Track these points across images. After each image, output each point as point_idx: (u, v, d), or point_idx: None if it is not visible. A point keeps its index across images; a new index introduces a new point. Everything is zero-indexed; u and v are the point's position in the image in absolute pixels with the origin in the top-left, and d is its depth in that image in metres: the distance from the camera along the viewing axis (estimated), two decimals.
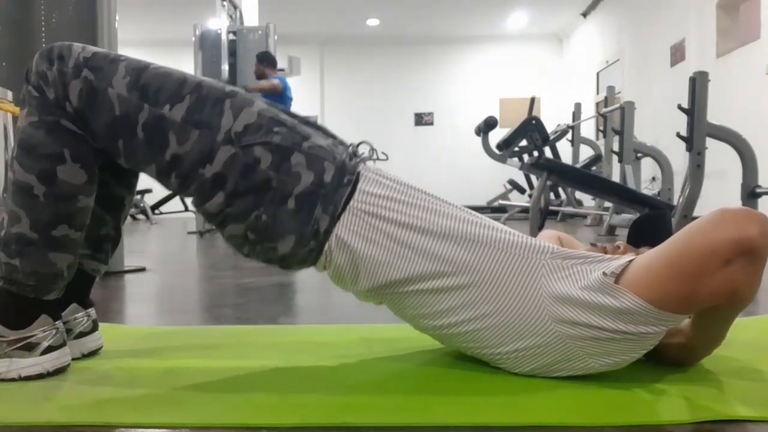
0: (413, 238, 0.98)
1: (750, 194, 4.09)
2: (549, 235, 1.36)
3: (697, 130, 4.04)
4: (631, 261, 0.92)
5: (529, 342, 0.95)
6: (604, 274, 0.90)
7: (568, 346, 0.94)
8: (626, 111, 4.95)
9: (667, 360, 1.06)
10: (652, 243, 1.13)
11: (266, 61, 5.66)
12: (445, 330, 1.00)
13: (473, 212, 1.04)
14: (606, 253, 1.12)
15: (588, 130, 9.73)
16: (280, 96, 5.56)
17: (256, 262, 1.05)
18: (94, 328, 1.21)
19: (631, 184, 5.17)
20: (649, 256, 0.91)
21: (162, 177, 1.03)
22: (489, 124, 6.53)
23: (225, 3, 6.11)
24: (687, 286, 0.85)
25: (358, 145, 1.12)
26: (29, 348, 1.03)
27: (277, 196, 0.97)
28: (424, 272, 0.97)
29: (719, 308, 0.90)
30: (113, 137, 1.02)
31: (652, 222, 1.17)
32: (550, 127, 8.07)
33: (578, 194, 7.31)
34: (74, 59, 1.03)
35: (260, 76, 5.65)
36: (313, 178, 0.98)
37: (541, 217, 5.09)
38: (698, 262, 0.84)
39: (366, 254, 0.98)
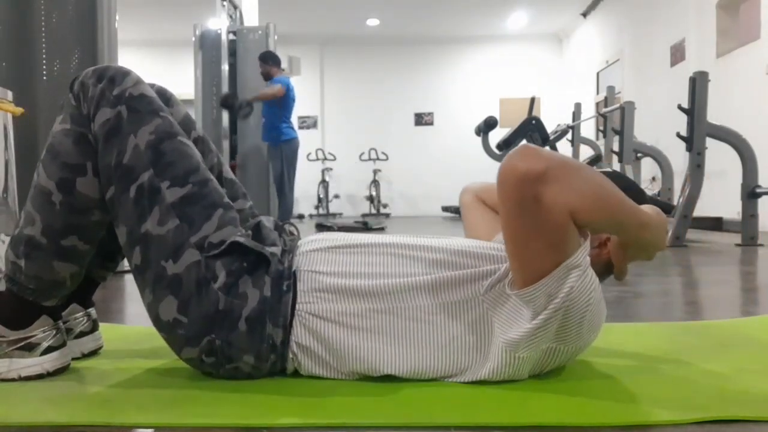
0: (362, 324, 0.97)
1: (750, 194, 4.10)
2: (470, 204, 1.32)
3: (697, 130, 4.04)
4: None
5: (504, 361, 0.96)
6: (509, 289, 0.93)
7: (543, 350, 0.95)
8: (626, 111, 4.95)
9: (638, 259, 1.01)
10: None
11: (271, 60, 5.60)
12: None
13: (419, 246, 1.03)
14: None
15: (588, 130, 9.73)
16: (283, 99, 5.51)
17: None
18: (95, 327, 1.21)
19: None
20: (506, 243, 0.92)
21: (128, 245, 1.01)
22: (489, 124, 6.54)
23: (225, 3, 6.11)
24: (541, 239, 0.86)
25: (282, 225, 1.12)
26: (29, 348, 1.03)
27: (227, 320, 0.96)
28: (388, 361, 0.98)
29: (591, 224, 0.88)
30: (108, 179, 1.02)
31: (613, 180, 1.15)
32: (550, 127, 8.08)
33: None
34: (121, 89, 1.03)
35: (267, 76, 5.60)
36: (259, 296, 0.97)
37: None
38: (522, 219, 0.85)
39: (328, 348, 0.98)
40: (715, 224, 5.83)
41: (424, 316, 0.97)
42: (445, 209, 10.67)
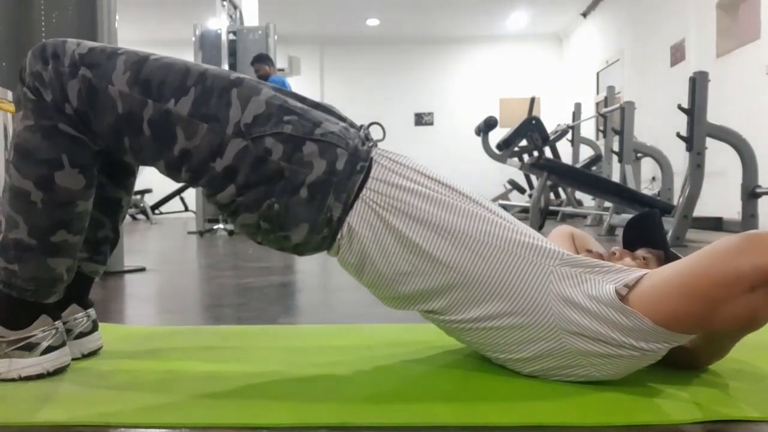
0: (422, 236, 0.96)
1: (750, 194, 4.10)
2: (562, 232, 1.35)
3: (697, 130, 4.04)
4: (643, 275, 0.90)
5: (536, 347, 0.95)
6: (616, 291, 0.88)
7: (573, 356, 0.93)
8: (626, 111, 4.95)
9: (669, 362, 1.04)
10: (647, 243, 1.12)
11: (269, 61, 5.56)
12: (450, 324, 1.00)
13: (486, 203, 1.02)
14: (602, 260, 1.10)
15: (588, 130, 9.72)
16: None
17: (269, 249, 1.05)
18: (94, 328, 1.21)
19: (631, 184, 5.17)
20: (665, 273, 0.88)
21: (172, 172, 1.01)
22: (489, 124, 6.53)
23: (225, 3, 6.11)
24: (703, 310, 0.83)
25: (369, 126, 1.10)
26: (29, 348, 1.03)
27: (289, 185, 0.96)
28: (428, 272, 0.96)
29: (729, 338, 0.92)
30: (118, 136, 0.99)
31: (644, 222, 1.16)
32: (550, 127, 8.08)
33: (578, 194, 7.31)
34: (70, 57, 0.99)
35: (266, 77, 5.54)
36: (326, 167, 0.96)
37: (541, 217, 5.08)
38: (719, 286, 0.82)
39: (372, 250, 0.98)
40: (715, 224, 5.83)
41: (489, 240, 0.95)
42: None
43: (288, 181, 0.96)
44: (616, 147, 5.48)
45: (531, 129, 6.70)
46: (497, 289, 0.94)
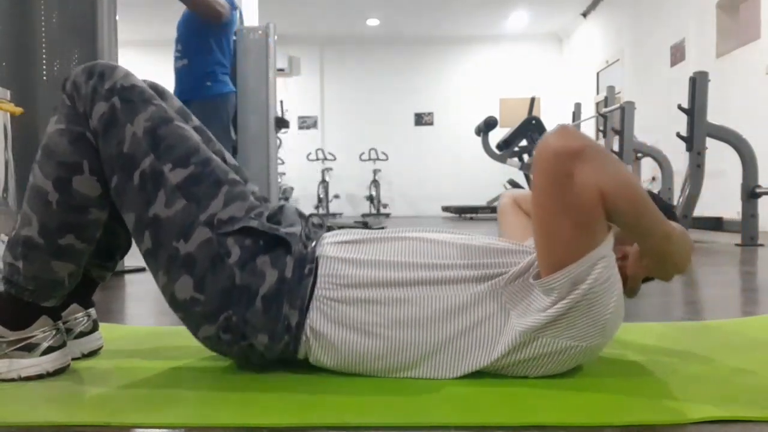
0: (384, 325, 0.97)
1: (750, 194, 4.09)
2: (508, 207, 1.34)
3: (697, 130, 4.04)
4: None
5: (528, 357, 0.96)
6: (532, 279, 0.94)
7: (561, 344, 0.94)
8: (626, 111, 4.95)
9: (655, 276, 1.02)
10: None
11: None
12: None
13: (444, 242, 1.03)
14: None
15: (588, 130, 9.72)
16: (220, 28, 3.84)
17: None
18: (95, 328, 1.21)
19: None
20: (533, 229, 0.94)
21: (138, 231, 1.02)
22: (489, 124, 6.53)
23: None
24: (569, 219, 0.87)
25: (309, 216, 1.13)
26: (29, 349, 1.03)
27: (244, 296, 0.97)
28: (400, 346, 0.98)
29: (618, 212, 0.88)
30: (111, 171, 1.03)
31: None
32: (550, 127, 8.07)
33: None
34: (112, 82, 1.04)
35: None
36: (277, 276, 0.98)
37: None
38: (554, 194, 0.87)
39: (341, 340, 0.98)
40: (715, 224, 5.83)
41: (444, 305, 0.97)
42: (445, 209, 10.65)
43: (241, 290, 0.97)
44: (616, 147, 5.48)
45: (531, 129, 6.69)
46: (472, 345, 0.97)
